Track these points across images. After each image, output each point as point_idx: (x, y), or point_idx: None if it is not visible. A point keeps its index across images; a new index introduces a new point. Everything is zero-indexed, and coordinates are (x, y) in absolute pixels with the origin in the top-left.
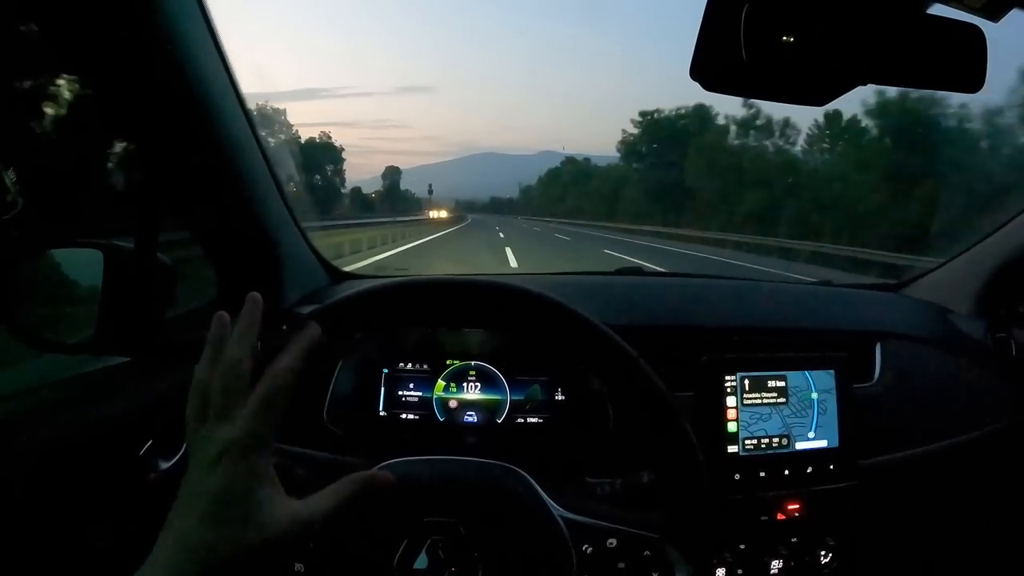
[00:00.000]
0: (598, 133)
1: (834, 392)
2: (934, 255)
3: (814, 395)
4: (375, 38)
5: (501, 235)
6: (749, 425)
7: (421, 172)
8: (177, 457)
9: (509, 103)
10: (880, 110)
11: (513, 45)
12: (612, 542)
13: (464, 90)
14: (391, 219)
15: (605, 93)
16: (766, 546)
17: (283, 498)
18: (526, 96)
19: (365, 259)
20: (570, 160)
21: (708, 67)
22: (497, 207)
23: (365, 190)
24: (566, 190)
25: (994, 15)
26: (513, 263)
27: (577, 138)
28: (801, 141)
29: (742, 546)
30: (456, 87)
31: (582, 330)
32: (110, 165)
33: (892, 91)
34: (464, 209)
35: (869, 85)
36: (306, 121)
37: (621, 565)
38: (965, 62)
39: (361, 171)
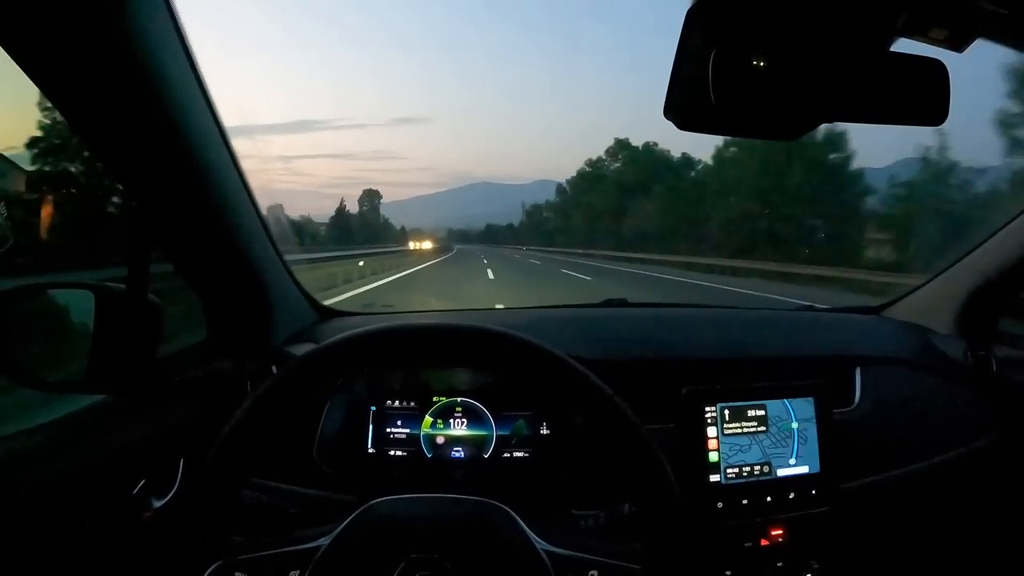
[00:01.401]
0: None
1: (814, 419)
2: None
3: (794, 425)
4: (370, 70)
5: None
6: (730, 454)
7: (416, 203)
8: (170, 496)
9: (504, 133)
10: None
11: (507, 76)
12: (594, 574)
13: (459, 121)
14: (343, 252)
15: (602, 122)
16: (751, 572)
17: None
18: (521, 126)
19: None
20: (623, 145)
21: (680, 108)
22: (494, 235)
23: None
24: (617, 197)
25: (959, 46)
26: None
27: (573, 166)
28: None
29: (727, 572)
30: (451, 118)
31: (554, 368)
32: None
33: None
34: (458, 239)
35: None
36: (300, 153)
37: None
38: (929, 96)
39: (356, 203)
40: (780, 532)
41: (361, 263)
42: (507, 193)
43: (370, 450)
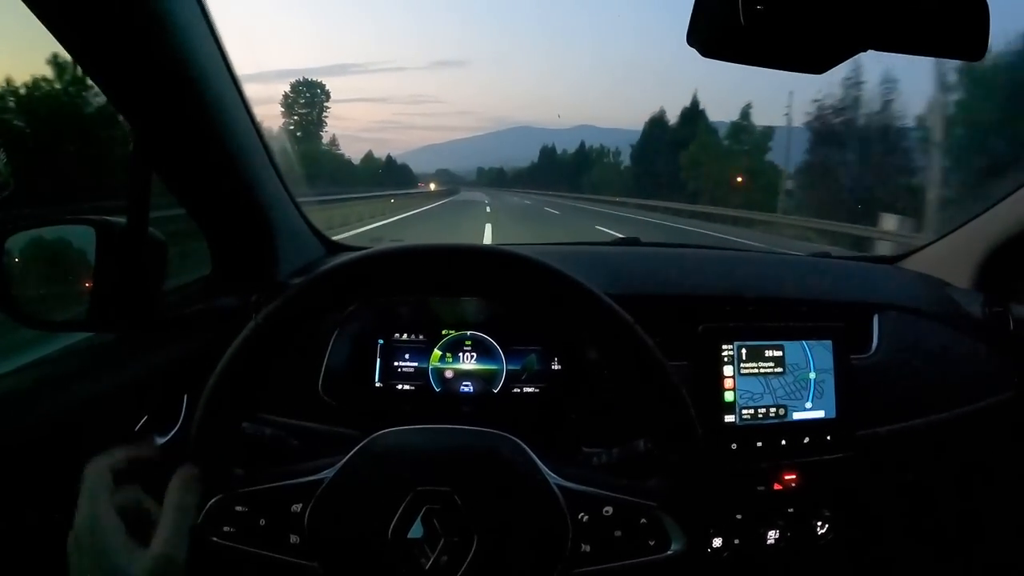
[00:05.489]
0: (641, 108)
1: (831, 369)
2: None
3: (812, 375)
4: (407, 11)
5: None
6: (746, 395)
7: (453, 147)
8: (173, 432)
9: (544, 78)
10: None
11: (548, 19)
12: (608, 510)
13: (498, 64)
14: None
15: (646, 67)
16: (762, 516)
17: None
18: (562, 71)
19: None
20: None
21: (705, 32)
22: (554, 173)
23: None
24: None
25: None
26: None
27: (616, 114)
28: None
29: (738, 516)
30: (490, 61)
31: (578, 296)
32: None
33: None
34: (493, 181)
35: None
36: (338, 97)
37: (617, 533)
38: (967, 30)
39: (394, 146)
40: (793, 477)
41: None
42: (547, 137)
43: (377, 384)
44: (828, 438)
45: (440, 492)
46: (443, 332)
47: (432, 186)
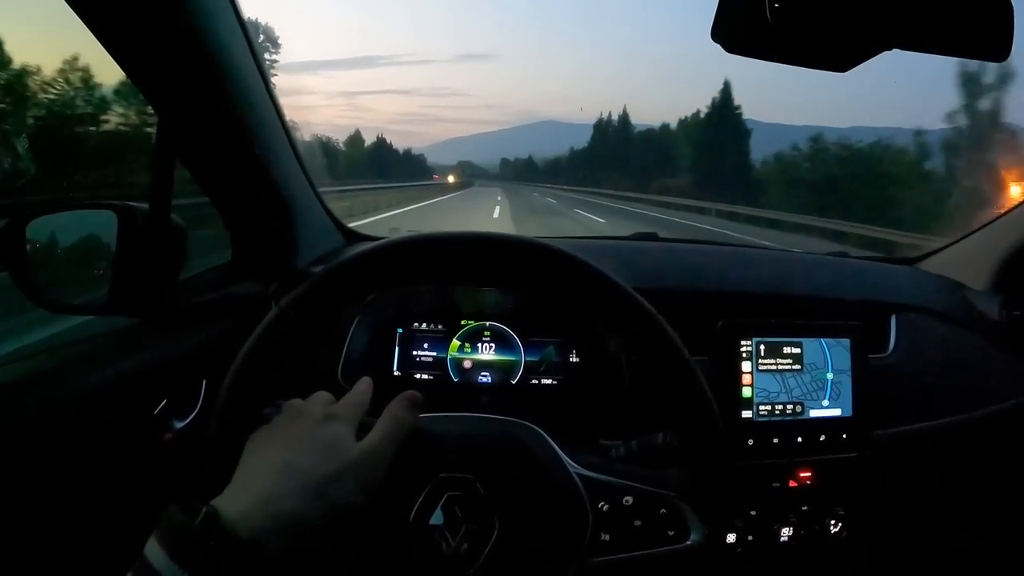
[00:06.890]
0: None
1: (848, 369)
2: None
3: (829, 375)
4: (434, 3)
5: None
6: (763, 391)
7: (479, 139)
8: (191, 417)
9: (572, 73)
10: None
11: (576, 14)
12: (628, 500)
13: (525, 58)
14: None
15: (675, 63)
16: (776, 513)
17: (355, 442)
18: (590, 65)
19: None
20: None
21: (730, 28)
22: (590, 173)
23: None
24: None
25: None
26: None
27: (644, 110)
28: None
29: (753, 512)
30: (517, 55)
31: (600, 286)
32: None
33: None
34: (511, 175)
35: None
36: (364, 89)
37: (637, 523)
38: (992, 30)
39: (419, 139)
40: (808, 474)
41: None
42: (575, 132)
43: (395, 372)
44: (844, 437)
45: (462, 479)
46: (462, 322)
47: (451, 178)
